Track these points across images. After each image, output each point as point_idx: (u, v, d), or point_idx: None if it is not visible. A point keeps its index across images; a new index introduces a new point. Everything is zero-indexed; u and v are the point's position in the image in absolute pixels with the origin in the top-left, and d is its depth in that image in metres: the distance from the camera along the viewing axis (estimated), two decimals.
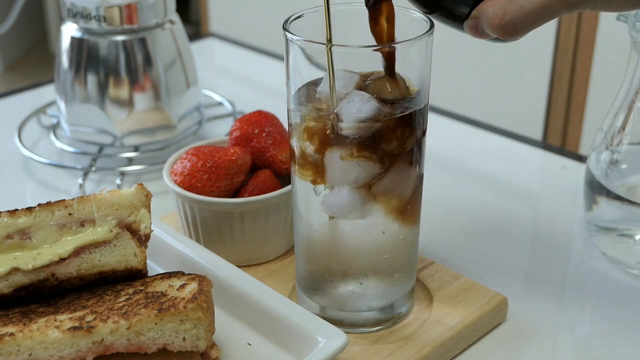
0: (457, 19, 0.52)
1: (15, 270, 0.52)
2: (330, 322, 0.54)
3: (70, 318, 0.50)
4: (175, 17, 0.88)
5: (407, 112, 0.52)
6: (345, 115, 0.51)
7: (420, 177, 0.57)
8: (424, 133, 0.55)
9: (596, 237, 0.70)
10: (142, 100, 0.85)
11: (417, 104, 0.53)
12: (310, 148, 0.53)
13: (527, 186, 0.84)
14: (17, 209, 0.53)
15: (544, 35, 1.52)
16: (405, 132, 0.53)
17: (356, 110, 0.51)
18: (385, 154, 0.52)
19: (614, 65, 1.42)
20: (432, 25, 0.53)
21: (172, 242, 0.63)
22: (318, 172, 0.54)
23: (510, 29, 0.49)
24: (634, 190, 0.68)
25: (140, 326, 0.49)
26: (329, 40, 0.51)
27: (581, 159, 0.88)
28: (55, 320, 0.50)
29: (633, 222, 0.67)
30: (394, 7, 0.54)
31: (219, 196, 0.65)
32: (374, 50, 0.52)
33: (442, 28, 0.57)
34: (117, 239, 0.55)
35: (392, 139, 0.52)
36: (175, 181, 0.65)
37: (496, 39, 0.51)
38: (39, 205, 0.54)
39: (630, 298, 0.65)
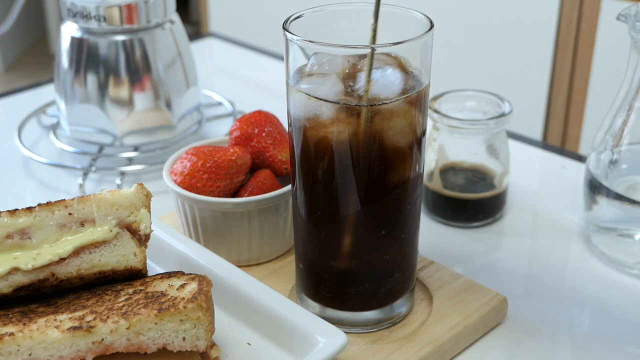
0: None
1: (15, 270, 0.52)
2: (330, 322, 0.54)
3: (70, 318, 0.50)
4: (175, 17, 0.88)
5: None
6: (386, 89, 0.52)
7: (420, 177, 0.57)
8: (424, 133, 0.55)
9: (596, 237, 0.70)
10: (142, 100, 0.85)
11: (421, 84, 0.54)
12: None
13: (527, 186, 0.84)
14: (17, 209, 0.53)
15: (544, 35, 1.52)
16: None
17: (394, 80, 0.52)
18: None
19: (614, 65, 1.42)
20: (432, 25, 0.53)
21: (172, 242, 0.63)
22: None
23: None
24: (634, 189, 0.68)
25: (140, 326, 0.49)
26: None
27: (581, 159, 0.88)
28: (55, 320, 0.50)
29: (633, 222, 0.67)
30: (394, 7, 0.54)
31: (218, 196, 0.65)
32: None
33: (443, 28, 0.56)
34: (117, 239, 0.55)
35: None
36: (175, 181, 0.65)
37: None
38: (39, 205, 0.54)
39: (630, 298, 0.65)
